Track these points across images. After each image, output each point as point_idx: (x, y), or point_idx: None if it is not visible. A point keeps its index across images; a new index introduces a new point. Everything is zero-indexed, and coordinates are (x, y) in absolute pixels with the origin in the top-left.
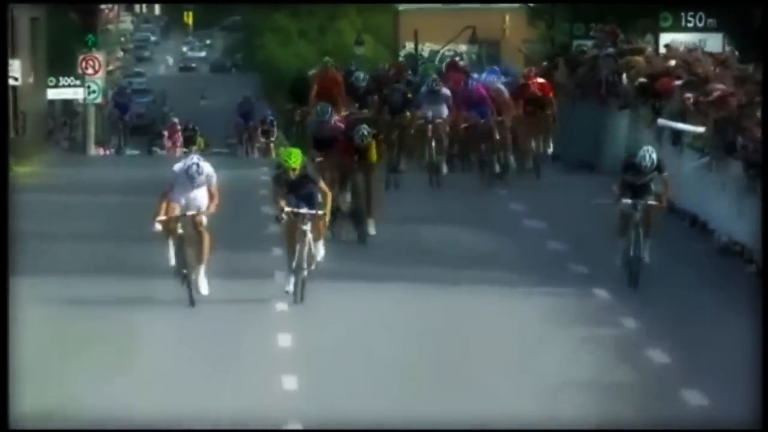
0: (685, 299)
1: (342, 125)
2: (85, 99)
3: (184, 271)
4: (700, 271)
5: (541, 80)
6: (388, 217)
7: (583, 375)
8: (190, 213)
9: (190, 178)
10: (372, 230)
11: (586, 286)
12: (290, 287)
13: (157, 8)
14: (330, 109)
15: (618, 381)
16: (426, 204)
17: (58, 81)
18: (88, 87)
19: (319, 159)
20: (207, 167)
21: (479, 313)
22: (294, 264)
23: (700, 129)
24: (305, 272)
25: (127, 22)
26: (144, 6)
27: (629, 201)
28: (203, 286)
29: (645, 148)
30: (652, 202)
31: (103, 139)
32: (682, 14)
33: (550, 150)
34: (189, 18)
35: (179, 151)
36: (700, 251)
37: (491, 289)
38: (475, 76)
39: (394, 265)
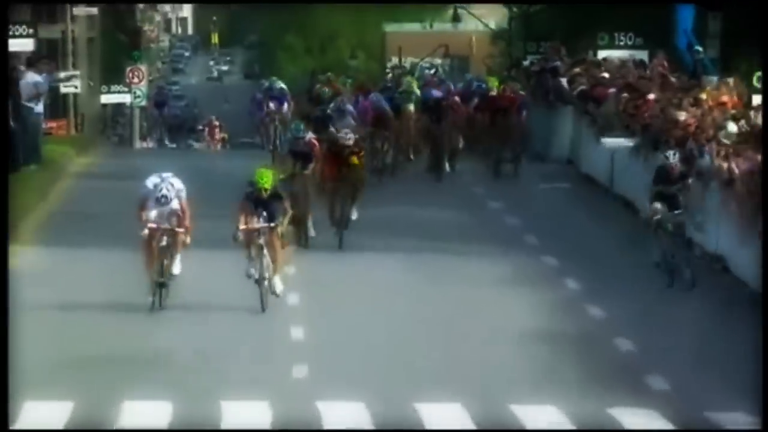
0: (616, 263)
1: (315, 140)
2: (131, 103)
3: (160, 277)
4: (627, 240)
5: (512, 94)
6: (382, 200)
7: (534, 325)
8: (164, 226)
9: (161, 194)
10: (354, 215)
11: (536, 255)
12: (261, 298)
13: (189, 29)
14: (303, 126)
15: (562, 331)
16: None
17: (109, 88)
18: (134, 93)
19: (300, 171)
20: (177, 182)
21: (454, 272)
22: (257, 277)
23: (632, 143)
24: (266, 282)
25: (165, 41)
26: (179, 28)
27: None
28: (176, 268)
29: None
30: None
31: (145, 134)
32: (615, 34)
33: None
34: (215, 38)
35: (216, 144)
36: (628, 226)
37: (463, 254)
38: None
39: (386, 238)
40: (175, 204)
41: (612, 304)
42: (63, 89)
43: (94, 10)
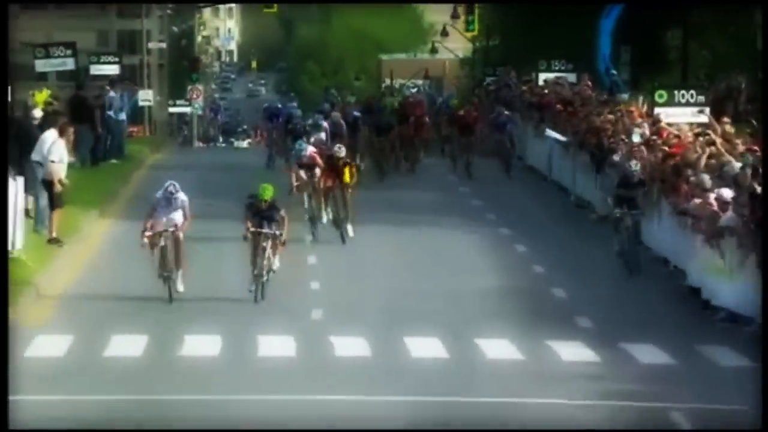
0: (554, 233)
1: (317, 155)
2: (191, 113)
3: (166, 272)
4: (562, 216)
5: (475, 113)
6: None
7: (492, 278)
8: (170, 229)
9: (168, 202)
10: (350, 233)
11: (494, 227)
12: (252, 288)
13: (235, 58)
14: (305, 144)
15: (513, 283)
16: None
17: (175, 102)
18: (193, 106)
19: (300, 180)
20: (181, 194)
21: (430, 239)
22: (256, 273)
23: (564, 138)
24: (264, 278)
25: (216, 67)
26: (227, 57)
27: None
28: (180, 286)
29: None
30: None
31: (201, 137)
32: (552, 61)
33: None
34: (254, 64)
35: (264, 142)
36: (562, 205)
37: (437, 226)
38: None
39: (380, 213)
40: (179, 214)
41: (550, 263)
42: (141, 103)
43: (164, 45)
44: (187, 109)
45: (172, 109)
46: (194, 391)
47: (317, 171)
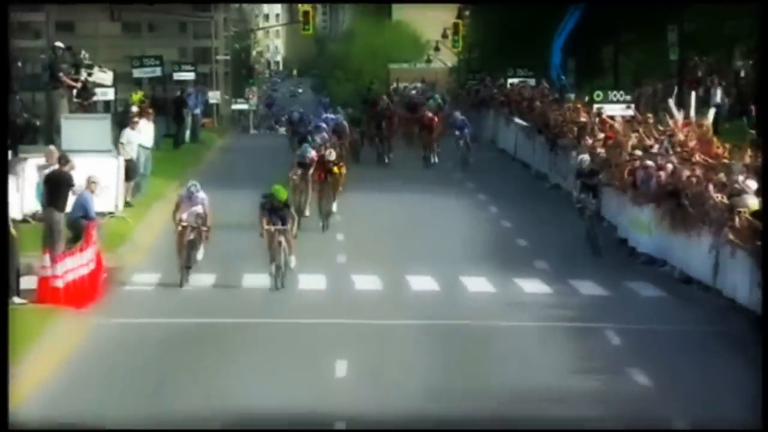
0: (518, 198)
1: (316, 156)
2: (248, 109)
3: (188, 263)
4: (525, 186)
5: (431, 116)
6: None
7: (470, 231)
8: (193, 224)
9: (190, 199)
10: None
11: (473, 193)
12: (271, 283)
13: (281, 67)
14: (309, 147)
15: (486, 235)
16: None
17: (236, 100)
18: (250, 104)
19: (296, 176)
20: (201, 193)
21: (426, 202)
22: (274, 266)
23: (526, 123)
24: (282, 269)
25: (267, 74)
26: (276, 66)
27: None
28: (200, 255)
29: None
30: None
31: (257, 126)
32: (518, 69)
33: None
34: (296, 72)
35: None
36: (525, 177)
37: (432, 195)
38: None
39: (386, 183)
40: (200, 209)
41: (516, 220)
42: (211, 101)
43: (228, 57)
44: (245, 106)
45: (234, 106)
46: (252, 315)
47: (311, 171)
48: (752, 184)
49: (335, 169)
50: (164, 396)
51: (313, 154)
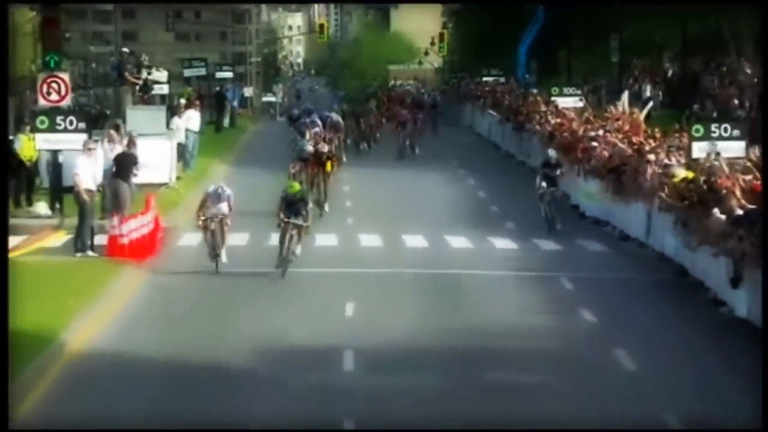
0: (491, 172)
1: (311, 150)
2: (275, 101)
3: (216, 251)
4: (496, 162)
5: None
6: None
7: (452, 197)
8: (219, 217)
9: (216, 196)
10: (326, 209)
11: (456, 169)
12: (279, 269)
13: (302, 67)
14: (307, 143)
15: (465, 202)
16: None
17: (266, 94)
18: (277, 97)
19: (295, 169)
20: (228, 189)
21: (416, 176)
22: (283, 255)
23: (497, 113)
24: (289, 259)
25: (290, 73)
26: (297, 67)
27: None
28: (224, 258)
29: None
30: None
31: (282, 114)
32: (490, 69)
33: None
34: (313, 72)
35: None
36: (497, 156)
37: (422, 171)
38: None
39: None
40: (225, 207)
41: (490, 190)
42: (246, 95)
43: (259, 59)
44: (273, 99)
45: (264, 99)
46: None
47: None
48: (680, 159)
49: (328, 162)
50: (212, 327)
51: (310, 149)
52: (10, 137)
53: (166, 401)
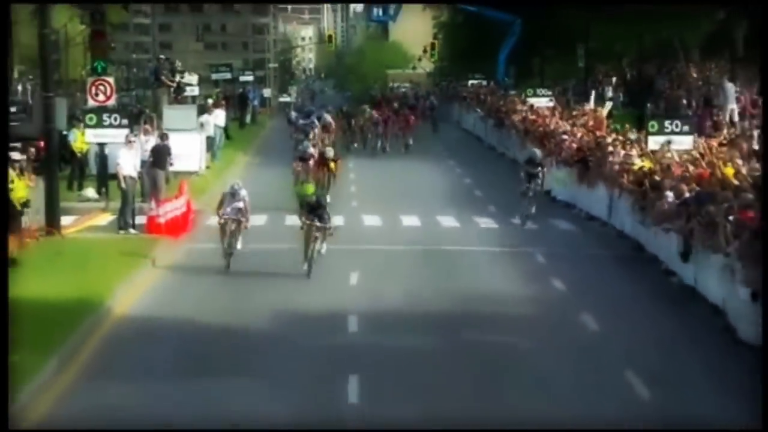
0: (476, 162)
1: (313, 151)
2: (290, 101)
3: (230, 249)
4: (480, 154)
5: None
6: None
7: (440, 181)
8: (234, 217)
9: (232, 196)
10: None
11: (445, 159)
12: (305, 268)
13: (312, 72)
14: (308, 144)
15: (449, 185)
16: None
17: (282, 95)
18: (291, 97)
19: (299, 168)
20: (243, 190)
21: (410, 165)
22: (308, 255)
23: (480, 111)
24: (313, 259)
25: (303, 77)
26: (309, 72)
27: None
28: (239, 245)
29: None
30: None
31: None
32: (475, 74)
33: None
34: (323, 75)
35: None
36: (480, 148)
37: (414, 159)
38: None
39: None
40: (241, 204)
41: (474, 178)
42: (265, 95)
43: (276, 65)
44: (288, 99)
45: (280, 99)
46: (292, 241)
47: (311, 162)
48: (636, 151)
49: (332, 164)
50: (235, 293)
51: (311, 149)
52: (65, 132)
53: (192, 354)
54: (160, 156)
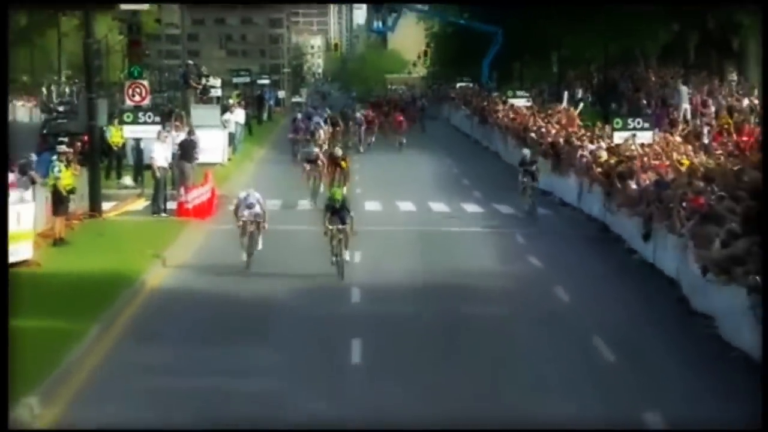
0: (463, 155)
1: (318, 151)
2: (301, 100)
3: (250, 250)
4: (467, 148)
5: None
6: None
7: (434, 169)
8: (252, 220)
9: (248, 204)
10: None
11: (436, 149)
12: (335, 269)
13: (321, 75)
14: (314, 146)
15: (441, 178)
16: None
17: (294, 96)
18: (302, 97)
19: (308, 168)
20: (258, 195)
21: (407, 157)
22: (334, 259)
23: (467, 110)
24: (340, 260)
25: (312, 80)
26: (318, 76)
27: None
28: (260, 245)
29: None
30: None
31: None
32: (462, 77)
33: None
34: (330, 79)
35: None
36: (467, 143)
37: (410, 153)
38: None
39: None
40: (258, 208)
41: (461, 168)
42: (280, 96)
43: (289, 70)
44: (300, 99)
45: (293, 99)
46: (304, 223)
47: (319, 163)
48: (603, 145)
49: (343, 163)
50: (253, 266)
51: (317, 150)
52: (103, 127)
53: (214, 321)
54: (187, 149)
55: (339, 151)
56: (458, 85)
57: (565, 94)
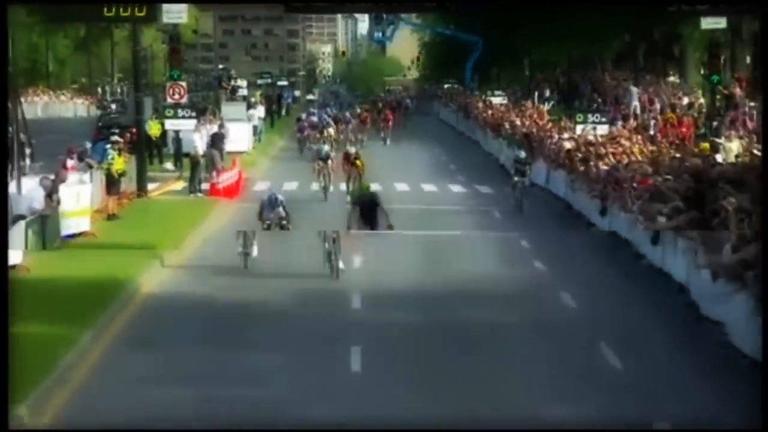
0: (454, 148)
1: (329, 149)
2: (314, 99)
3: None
4: (456, 141)
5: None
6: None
7: (430, 160)
8: (276, 222)
9: (271, 203)
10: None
11: (432, 144)
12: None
13: (330, 77)
14: (325, 146)
15: (434, 166)
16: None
17: (308, 95)
18: (314, 95)
19: (318, 166)
20: (280, 195)
21: (406, 148)
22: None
23: (453, 107)
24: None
25: (323, 82)
26: (328, 78)
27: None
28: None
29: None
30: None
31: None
32: (450, 79)
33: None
34: (338, 80)
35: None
36: (452, 134)
37: (407, 146)
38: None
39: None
40: (281, 211)
41: (452, 158)
42: (295, 95)
43: (304, 73)
44: (312, 97)
45: (307, 97)
46: (313, 210)
47: (330, 162)
48: (566, 135)
49: (357, 161)
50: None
51: (327, 148)
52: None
53: (215, 321)
54: (217, 140)
55: (352, 149)
56: (445, 85)
57: (536, 94)
